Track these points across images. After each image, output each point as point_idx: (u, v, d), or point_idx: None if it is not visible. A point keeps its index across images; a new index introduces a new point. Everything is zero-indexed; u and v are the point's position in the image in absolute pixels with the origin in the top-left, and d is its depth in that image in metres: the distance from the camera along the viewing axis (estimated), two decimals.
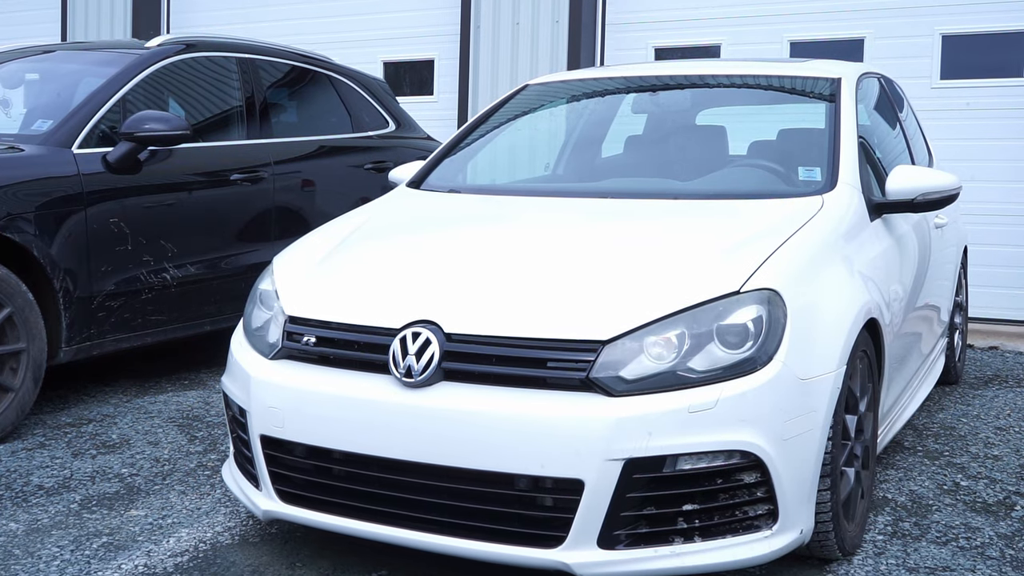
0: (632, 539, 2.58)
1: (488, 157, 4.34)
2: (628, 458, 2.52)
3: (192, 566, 2.98)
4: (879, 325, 3.22)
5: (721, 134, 4.20)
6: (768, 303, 2.70)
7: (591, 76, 4.64)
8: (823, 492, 2.79)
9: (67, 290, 4.32)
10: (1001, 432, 4.51)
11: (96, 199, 4.47)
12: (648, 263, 2.88)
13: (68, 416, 4.51)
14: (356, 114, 6.19)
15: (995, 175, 7.13)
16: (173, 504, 3.47)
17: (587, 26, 8.16)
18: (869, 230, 3.43)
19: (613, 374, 2.58)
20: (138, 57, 5.01)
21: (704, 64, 4.73)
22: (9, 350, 4.09)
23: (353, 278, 3.10)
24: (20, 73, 5.31)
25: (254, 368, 2.97)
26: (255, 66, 5.58)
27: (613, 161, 4.31)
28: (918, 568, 3.00)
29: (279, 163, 5.48)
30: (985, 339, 6.73)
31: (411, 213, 3.72)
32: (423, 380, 2.67)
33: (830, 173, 3.50)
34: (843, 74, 4.05)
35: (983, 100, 7.15)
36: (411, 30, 8.92)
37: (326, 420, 2.77)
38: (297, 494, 2.88)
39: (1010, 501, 3.61)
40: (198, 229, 4.98)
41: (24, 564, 2.97)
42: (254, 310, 3.18)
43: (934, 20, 7.27)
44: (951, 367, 5.24)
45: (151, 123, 4.58)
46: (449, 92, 8.78)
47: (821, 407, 2.73)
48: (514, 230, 3.38)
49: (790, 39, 7.66)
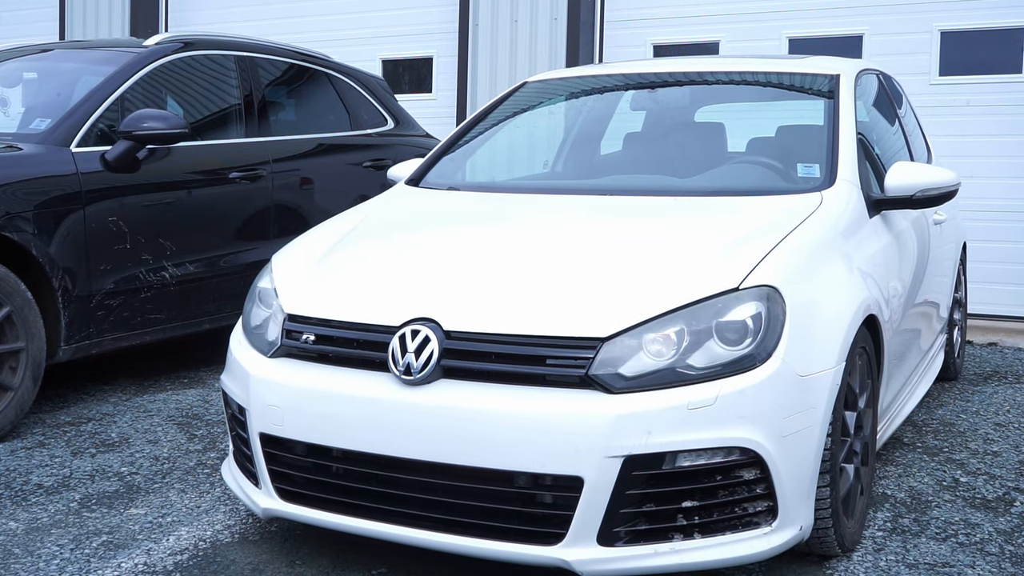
0: (632, 536, 2.58)
1: (487, 155, 4.34)
2: (627, 455, 2.52)
3: (192, 564, 2.98)
4: (878, 321, 3.21)
5: (720, 131, 4.19)
6: (767, 300, 2.70)
7: (590, 73, 4.64)
8: (822, 488, 2.79)
9: (66, 289, 4.32)
10: (1000, 428, 4.51)
11: (95, 198, 4.46)
12: (647, 260, 2.88)
13: (67, 415, 4.51)
14: (355, 112, 6.19)
15: (994, 171, 7.13)
16: (173, 502, 3.47)
17: (586, 23, 8.16)
18: (868, 226, 3.43)
19: (612, 371, 2.58)
20: (136, 56, 5.00)
21: (703, 61, 4.73)
22: (8, 349, 4.09)
23: (352, 276, 3.10)
24: (18, 72, 5.31)
25: (253, 366, 2.97)
26: (253, 64, 5.57)
27: (612, 158, 4.30)
28: (917, 564, 3.00)
29: (278, 161, 5.48)
30: (984, 335, 6.73)
31: (410, 211, 3.72)
32: (422, 378, 2.67)
33: (829, 169, 3.49)
34: (842, 70, 4.05)
35: (982, 96, 7.14)
36: (410, 28, 8.91)
37: (325, 418, 2.77)
38: (297, 492, 2.88)
39: (1009, 497, 3.61)
40: (197, 227, 4.97)
41: (24, 563, 2.97)
42: (253, 308, 3.18)
43: (932, 16, 7.26)
44: (950, 363, 5.24)
45: (149, 122, 4.58)
46: (448, 90, 8.77)
47: (820, 404, 2.73)
48: (513, 227, 3.38)
49: (789, 36, 7.65)
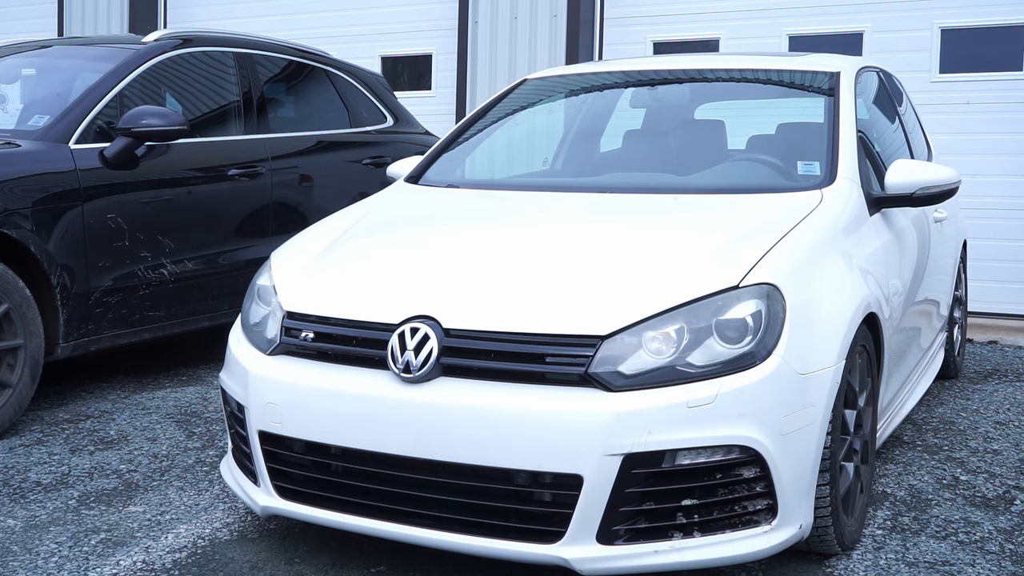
0: (631, 534, 2.57)
1: (486, 152, 4.33)
2: (627, 453, 2.51)
3: (191, 562, 2.97)
4: (878, 320, 3.21)
5: (720, 128, 4.19)
6: (767, 298, 2.69)
7: (589, 71, 4.63)
8: (822, 487, 2.79)
9: (64, 286, 4.31)
10: (1000, 426, 4.50)
11: (93, 195, 4.46)
12: (647, 258, 2.88)
13: (66, 412, 4.50)
14: (354, 109, 6.18)
15: (994, 169, 7.12)
16: (171, 500, 3.46)
17: (585, 20, 8.15)
18: (868, 224, 3.43)
19: (612, 369, 2.57)
20: (135, 52, 4.99)
21: (703, 58, 4.72)
22: (6, 346, 4.08)
23: (351, 273, 3.10)
24: (17, 68, 5.30)
25: (252, 364, 2.96)
26: (252, 61, 5.57)
27: (612, 156, 4.30)
28: (917, 562, 3.00)
29: (277, 158, 5.47)
30: (984, 333, 6.73)
31: (409, 208, 3.71)
32: (421, 375, 2.66)
33: (829, 167, 3.49)
34: (842, 68, 4.04)
35: (982, 94, 7.13)
36: (409, 25, 8.90)
37: (324, 416, 2.77)
38: (295, 490, 2.87)
39: (1009, 495, 3.60)
40: (196, 225, 4.97)
41: (22, 560, 2.96)
42: (252, 306, 3.18)
43: (933, 14, 7.26)
44: (950, 361, 5.24)
45: (148, 118, 4.57)
46: (447, 87, 8.77)
47: (820, 402, 2.72)
48: (513, 225, 3.37)
49: (789, 33, 7.64)
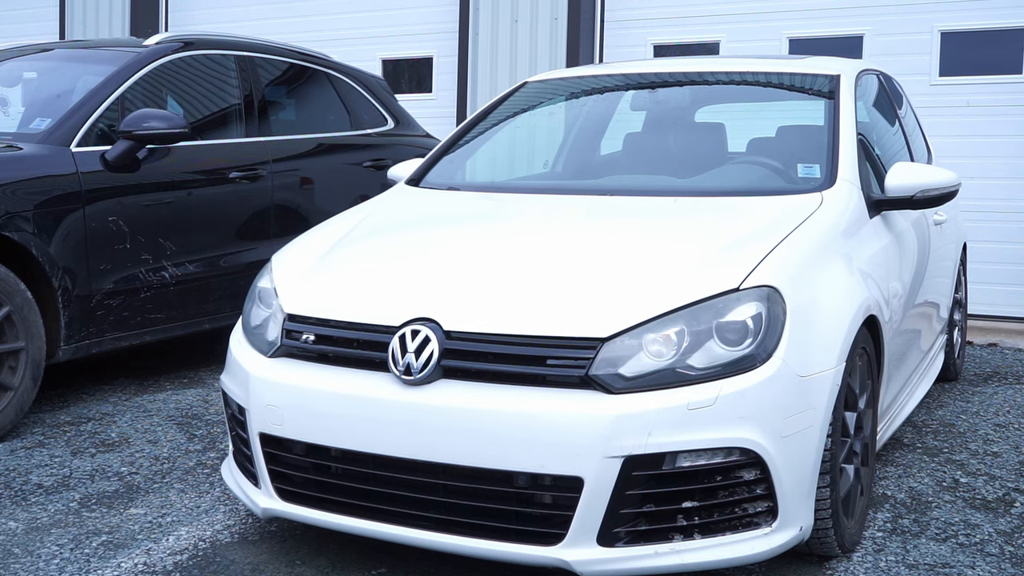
0: (632, 536, 2.58)
1: (487, 155, 4.33)
2: (627, 455, 2.51)
3: (192, 564, 2.98)
4: (878, 322, 3.21)
5: (720, 131, 4.19)
6: (767, 300, 2.70)
7: (590, 73, 4.64)
8: (822, 489, 2.79)
9: (66, 289, 4.32)
10: (1000, 429, 4.50)
11: (94, 197, 4.46)
12: (647, 260, 2.88)
13: (67, 415, 4.50)
14: (355, 112, 6.19)
15: (994, 172, 7.13)
16: (172, 502, 3.47)
17: (586, 23, 8.16)
18: (868, 227, 3.43)
19: (612, 371, 2.58)
20: (136, 55, 5.00)
21: (703, 61, 4.73)
22: (8, 349, 4.09)
23: (352, 276, 3.10)
24: (18, 71, 5.31)
25: (253, 366, 2.97)
26: (253, 64, 5.57)
27: (612, 158, 4.30)
28: (917, 565, 3.00)
29: (278, 161, 5.47)
30: (984, 336, 6.73)
31: (410, 211, 3.72)
32: (422, 378, 2.66)
33: (829, 170, 3.49)
34: (842, 71, 4.04)
35: (982, 97, 7.14)
36: (410, 28, 8.91)
37: (325, 418, 2.77)
38: (296, 492, 2.88)
39: (1009, 498, 3.60)
40: (197, 227, 4.97)
41: (24, 563, 2.97)
42: (253, 308, 3.18)
43: (933, 17, 7.26)
44: (950, 364, 5.24)
45: (149, 121, 4.58)
46: (448, 90, 8.77)
47: (820, 404, 2.73)
48: (513, 227, 3.38)
49: (789, 36, 7.65)
